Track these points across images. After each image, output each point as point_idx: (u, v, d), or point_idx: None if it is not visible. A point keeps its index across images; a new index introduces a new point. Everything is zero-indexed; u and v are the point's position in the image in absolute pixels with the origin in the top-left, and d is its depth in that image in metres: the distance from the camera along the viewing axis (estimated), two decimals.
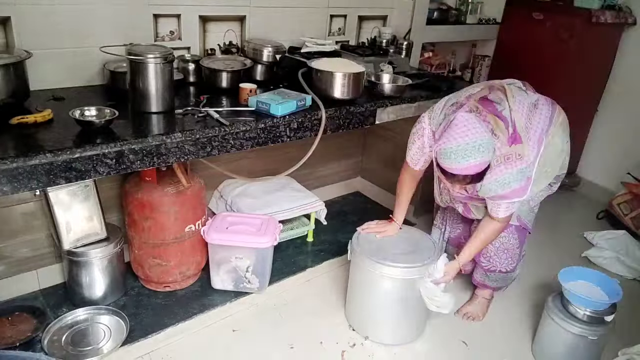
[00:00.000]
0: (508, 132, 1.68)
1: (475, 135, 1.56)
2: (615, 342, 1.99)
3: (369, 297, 1.95)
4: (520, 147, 1.69)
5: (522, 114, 1.75)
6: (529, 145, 1.72)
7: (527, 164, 1.69)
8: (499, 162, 1.67)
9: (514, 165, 1.67)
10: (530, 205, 2.00)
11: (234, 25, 2.27)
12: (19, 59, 1.57)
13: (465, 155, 1.55)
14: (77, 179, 1.46)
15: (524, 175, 1.70)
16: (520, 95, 1.81)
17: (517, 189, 1.71)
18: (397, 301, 1.92)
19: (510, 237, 2.02)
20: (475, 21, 3.23)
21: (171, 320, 1.95)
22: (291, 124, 1.88)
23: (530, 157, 1.72)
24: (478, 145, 1.55)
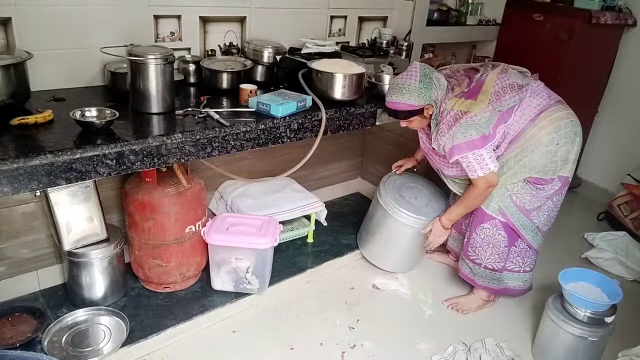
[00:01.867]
0: (467, 88, 1.90)
1: (406, 79, 1.89)
2: (615, 343, 1.99)
3: (381, 232, 2.37)
4: (470, 103, 1.85)
5: (497, 83, 1.88)
6: (485, 106, 1.84)
7: (471, 118, 1.82)
8: (447, 112, 1.88)
9: (457, 119, 1.85)
10: (513, 199, 1.98)
11: (234, 26, 2.27)
12: (19, 59, 1.57)
13: (395, 92, 1.90)
14: (77, 180, 1.46)
15: (471, 127, 1.82)
16: (512, 75, 1.92)
17: (470, 140, 1.83)
18: (402, 240, 2.32)
19: (496, 232, 2.05)
20: (476, 22, 3.23)
21: (171, 321, 1.94)
22: (291, 125, 1.88)
23: (478, 114, 1.82)
24: (404, 87, 1.88)
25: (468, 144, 1.82)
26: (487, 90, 1.85)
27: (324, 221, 2.64)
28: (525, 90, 1.91)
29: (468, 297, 2.27)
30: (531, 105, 1.90)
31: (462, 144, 1.83)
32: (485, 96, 1.84)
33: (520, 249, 2.08)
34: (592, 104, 3.37)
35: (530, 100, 1.91)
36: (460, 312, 2.23)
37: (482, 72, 1.93)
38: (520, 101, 1.89)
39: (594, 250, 2.81)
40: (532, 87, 1.93)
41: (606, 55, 3.23)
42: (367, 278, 2.42)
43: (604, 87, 3.34)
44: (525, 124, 1.89)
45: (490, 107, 1.83)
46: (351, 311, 2.20)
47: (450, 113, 1.86)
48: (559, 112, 1.92)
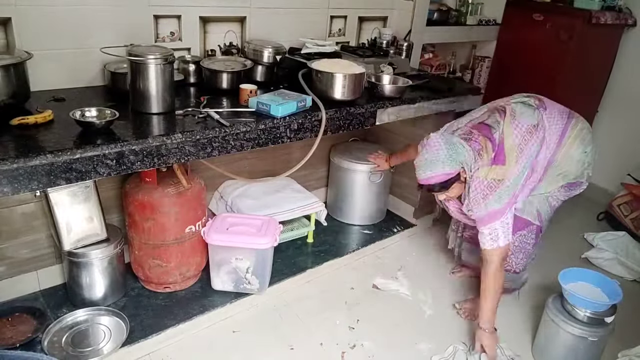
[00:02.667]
0: (493, 153, 1.83)
1: (432, 152, 1.80)
2: (615, 343, 1.99)
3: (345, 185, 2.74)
4: (501, 169, 1.82)
5: (516, 134, 1.86)
6: (515, 165, 1.83)
7: (505, 186, 1.81)
8: (479, 181, 1.82)
9: (493, 189, 1.81)
10: (549, 201, 2.03)
11: (234, 26, 2.27)
12: (19, 59, 1.57)
13: (427, 168, 1.80)
14: (77, 180, 1.46)
15: (502, 198, 1.82)
16: (522, 116, 1.89)
17: (495, 210, 1.82)
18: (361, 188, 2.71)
19: (530, 237, 2.06)
20: (476, 22, 3.23)
21: (171, 321, 1.94)
22: (291, 125, 1.88)
23: (511, 178, 1.82)
24: (436, 159, 1.78)
25: (500, 211, 1.81)
26: (511, 148, 1.83)
27: (324, 221, 2.64)
28: (541, 127, 1.90)
29: (473, 301, 2.23)
30: (552, 135, 1.93)
31: (495, 212, 1.82)
32: (512, 156, 1.83)
33: (539, 241, 2.12)
34: (592, 104, 3.37)
35: (550, 131, 1.92)
36: (469, 318, 2.19)
37: (495, 129, 1.87)
38: (542, 140, 1.89)
39: (594, 250, 2.81)
40: (544, 118, 1.92)
41: (606, 55, 3.24)
42: (367, 278, 2.42)
43: (604, 87, 3.34)
44: (553, 152, 1.94)
45: (520, 163, 1.83)
46: (351, 311, 2.20)
47: (484, 182, 1.81)
48: (577, 127, 1.98)
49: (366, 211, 2.78)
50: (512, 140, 1.84)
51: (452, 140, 1.82)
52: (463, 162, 1.79)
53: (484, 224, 1.84)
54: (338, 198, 2.80)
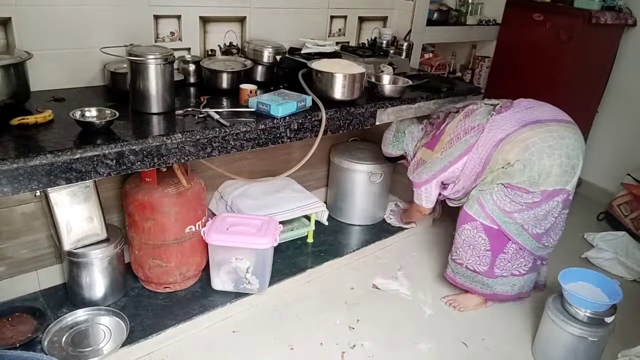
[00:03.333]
0: (430, 139, 2.27)
1: (386, 135, 2.48)
2: (615, 343, 1.99)
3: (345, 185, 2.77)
4: (427, 153, 2.24)
5: (455, 132, 2.13)
6: (438, 154, 2.17)
7: (427, 166, 2.22)
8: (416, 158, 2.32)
9: (418, 166, 2.29)
10: (494, 198, 2.01)
11: (234, 26, 2.27)
12: (19, 59, 1.57)
13: (383, 145, 2.52)
14: (77, 180, 1.46)
15: (422, 174, 2.25)
16: (471, 118, 2.12)
17: (419, 181, 2.28)
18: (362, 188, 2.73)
19: (476, 234, 2.08)
20: (476, 22, 3.23)
21: (171, 321, 1.94)
22: (291, 125, 1.88)
23: (430, 162, 2.20)
24: (386, 141, 2.48)
25: (422, 182, 2.26)
26: (443, 141, 2.17)
27: (325, 221, 2.64)
28: (479, 129, 2.06)
29: (467, 295, 2.27)
30: (488, 140, 2.04)
31: (419, 182, 2.27)
32: (440, 146, 2.17)
33: (510, 253, 2.07)
34: (592, 104, 3.37)
35: (488, 136, 2.04)
36: (458, 310, 2.24)
37: (448, 122, 2.22)
38: (470, 146, 2.08)
39: (593, 250, 2.81)
40: (491, 123, 2.05)
41: (606, 55, 3.24)
42: (367, 278, 2.42)
43: (604, 87, 3.34)
44: (487, 153, 2.04)
45: (443, 154, 2.15)
46: (351, 311, 2.20)
47: (416, 159, 2.31)
48: (522, 135, 1.97)
49: (366, 211, 2.78)
50: (449, 136, 2.15)
51: (403, 129, 2.40)
52: (403, 149, 2.42)
53: (414, 187, 2.32)
54: (338, 198, 2.80)
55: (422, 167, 2.24)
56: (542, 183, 1.94)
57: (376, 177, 2.67)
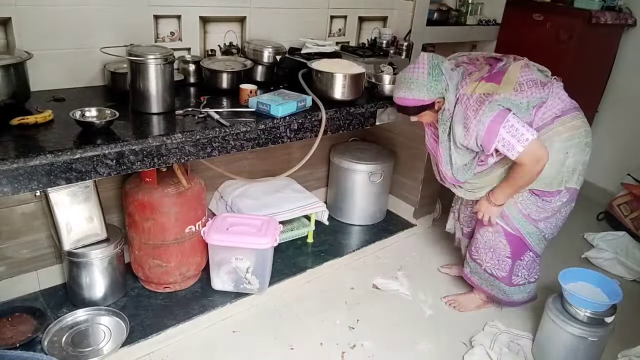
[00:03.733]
0: (487, 73, 1.77)
1: (414, 72, 1.80)
2: (615, 343, 1.99)
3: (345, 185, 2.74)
4: (492, 86, 1.71)
5: (522, 75, 1.75)
6: (510, 91, 1.71)
7: (496, 100, 1.69)
8: (467, 97, 1.74)
9: (483, 102, 1.70)
10: (519, 207, 1.95)
11: (234, 26, 2.27)
12: (19, 59, 1.57)
13: (404, 87, 1.82)
14: (77, 180, 1.46)
15: (496, 106, 1.69)
16: (533, 71, 1.81)
17: (497, 114, 1.69)
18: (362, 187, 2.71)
19: (497, 238, 2.02)
20: (476, 22, 3.23)
21: (171, 321, 1.94)
22: (291, 125, 1.88)
23: (505, 98, 1.70)
24: (415, 82, 1.78)
25: (496, 118, 1.67)
26: (511, 77, 1.73)
27: (326, 221, 2.64)
28: (548, 88, 1.79)
29: (468, 295, 2.27)
30: (552, 107, 1.81)
31: (492, 123, 1.67)
32: (509, 83, 1.71)
33: (526, 261, 2.05)
34: (592, 104, 3.36)
35: (552, 101, 1.82)
36: (458, 310, 2.23)
37: (505, 62, 1.82)
38: (541, 100, 1.77)
39: (593, 250, 2.81)
40: (554, 87, 1.84)
41: (606, 55, 3.23)
42: (367, 278, 2.42)
43: (604, 87, 3.34)
44: (542, 124, 1.81)
45: (515, 96, 1.71)
46: (351, 311, 2.20)
47: (472, 97, 1.72)
48: (575, 121, 1.85)
49: (366, 211, 2.78)
50: (515, 75, 1.74)
51: (439, 65, 1.79)
52: (441, 92, 1.78)
53: (490, 143, 1.71)
54: (338, 198, 2.80)
55: (489, 101, 1.68)
56: (568, 181, 1.89)
57: (376, 177, 2.67)
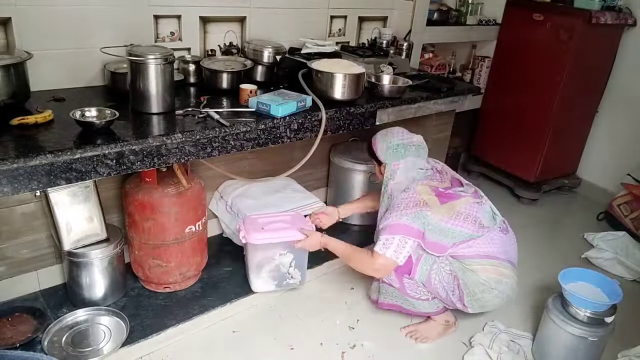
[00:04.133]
0: (443, 190, 1.89)
1: (396, 134, 1.99)
2: (615, 343, 1.99)
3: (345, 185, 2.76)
4: (435, 201, 1.84)
5: (466, 208, 1.86)
6: (444, 216, 1.82)
7: (427, 214, 1.81)
8: (413, 191, 1.88)
9: (416, 206, 1.83)
10: (430, 277, 1.89)
11: (234, 26, 2.27)
12: (19, 59, 1.57)
13: (381, 133, 2.03)
14: (77, 180, 1.46)
15: (419, 219, 1.81)
16: (482, 210, 1.90)
17: (409, 227, 1.81)
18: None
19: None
20: (476, 22, 3.23)
21: (171, 321, 1.94)
22: (291, 125, 1.88)
23: (435, 219, 1.81)
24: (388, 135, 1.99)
25: (408, 227, 1.81)
26: (454, 207, 1.85)
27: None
28: (484, 230, 1.85)
29: (427, 323, 2.10)
30: (479, 246, 1.85)
31: (402, 225, 1.82)
32: (450, 210, 1.84)
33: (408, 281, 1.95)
34: (591, 104, 3.37)
35: (482, 242, 1.85)
36: (420, 341, 2.06)
37: (463, 189, 1.94)
38: (469, 237, 1.84)
39: (593, 250, 2.80)
40: (493, 233, 1.88)
41: (606, 55, 3.24)
42: (367, 278, 2.42)
43: (604, 87, 3.34)
44: (462, 254, 1.85)
45: (445, 222, 1.82)
46: (351, 311, 2.20)
47: (415, 195, 1.86)
48: (503, 269, 1.85)
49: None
50: (459, 206, 1.85)
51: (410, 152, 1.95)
52: (389, 164, 1.97)
53: (385, 229, 1.85)
54: (338, 198, 2.80)
55: (420, 211, 1.81)
56: (477, 309, 1.91)
57: (376, 177, 2.67)
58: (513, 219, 2.32)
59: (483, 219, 1.87)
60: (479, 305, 1.89)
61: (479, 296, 1.85)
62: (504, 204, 3.29)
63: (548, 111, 3.12)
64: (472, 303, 1.88)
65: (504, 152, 3.46)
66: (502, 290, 1.86)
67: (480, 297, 1.86)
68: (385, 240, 1.83)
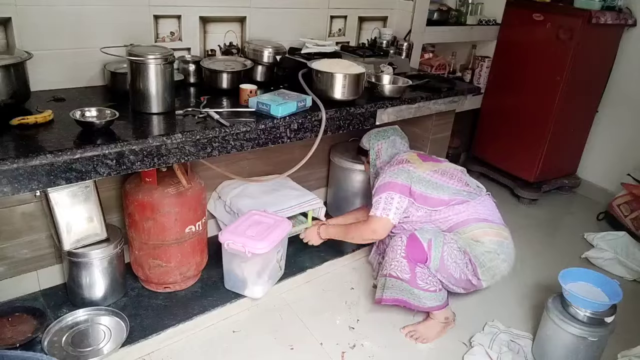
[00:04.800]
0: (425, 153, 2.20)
1: (377, 130, 2.25)
2: (615, 343, 1.99)
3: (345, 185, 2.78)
4: (418, 161, 2.04)
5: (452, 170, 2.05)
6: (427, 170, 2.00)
7: (409, 168, 2.00)
8: (399, 158, 2.09)
9: (400, 163, 2.04)
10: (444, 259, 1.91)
11: (234, 26, 2.27)
12: (19, 59, 1.57)
13: (368, 134, 2.29)
14: (77, 180, 1.46)
15: (403, 173, 1.99)
16: (465, 176, 2.08)
17: (393, 182, 1.98)
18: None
19: (398, 239, 1.95)
20: (476, 22, 3.23)
21: (171, 321, 1.94)
22: (291, 125, 1.88)
23: (417, 172, 1.98)
24: (371, 132, 2.27)
25: (392, 184, 1.98)
26: (438, 166, 2.03)
27: (323, 218, 2.64)
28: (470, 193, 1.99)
29: (426, 323, 2.09)
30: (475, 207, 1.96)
31: (386, 184, 1.99)
32: (434, 167, 2.01)
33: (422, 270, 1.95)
34: (592, 103, 3.37)
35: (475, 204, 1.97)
36: (420, 341, 2.05)
37: (443, 161, 2.12)
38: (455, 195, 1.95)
39: (593, 250, 2.80)
40: (481, 198, 2.01)
41: (606, 55, 3.23)
42: (367, 278, 2.42)
43: (604, 87, 3.34)
44: (460, 222, 1.95)
45: (431, 175, 1.98)
46: (351, 311, 2.20)
47: (399, 158, 2.08)
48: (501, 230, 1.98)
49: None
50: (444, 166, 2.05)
51: (389, 132, 2.24)
52: (374, 148, 2.21)
53: (375, 195, 2.02)
54: (338, 198, 2.80)
55: (402, 166, 2.00)
56: (489, 280, 1.97)
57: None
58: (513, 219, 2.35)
59: (468, 180, 2.04)
60: (490, 275, 1.96)
61: (489, 265, 1.93)
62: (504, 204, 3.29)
63: (548, 111, 3.12)
64: (484, 274, 1.95)
65: (504, 152, 3.46)
66: (507, 253, 1.96)
67: (490, 265, 1.93)
68: (374, 203, 2.00)
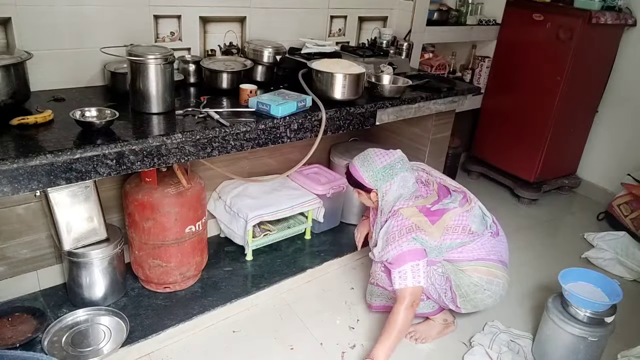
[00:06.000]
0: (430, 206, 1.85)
1: (377, 156, 1.91)
2: (615, 343, 1.99)
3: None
4: (427, 224, 1.82)
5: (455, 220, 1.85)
6: (437, 236, 1.82)
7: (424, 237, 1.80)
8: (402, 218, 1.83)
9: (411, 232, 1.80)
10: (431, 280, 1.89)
11: (234, 26, 2.27)
12: (19, 59, 1.57)
13: (359, 160, 1.94)
14: (77, 180, 1.46)
15: (418, 242, 1.80)
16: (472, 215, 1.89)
17: (414, 249, 1.80)
18: None
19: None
20: (476, 22, 3.23)
21: (171, 321, 1.95)
22: (291, 125, 1.88)
23: (431, 241, 1.81)
24: (369, 161, 1.91)
25: (412, 252, 1.80)
26: (445, 223, 1.84)
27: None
28: (475, 237, 1.87)
29: (426, 323, 2.11)
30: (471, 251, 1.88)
31: (406, 253, 1.81)
32: (440, 229, 1.83)
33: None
34: (592, 103, 3.37)
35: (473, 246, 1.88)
36: (420, 342, 2.06)
37: (451, 200, 1.91)
38: (460, 245, 1.86)
39: (593, 250, 2.81)
40: (484, 238, 1.90)
41: (606, 55, 3.24)
42: (367, 278, 2.42)
43: (604, 87, 3.34)
44: (452, 258, 1.88)
45: (440, 241, 1.83)
46: (351, 311, 2.20)
47: (406, 221, 1.83)
48: (495, 270, 1.88)
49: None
50: (448, 222, 1.84)
51: (398, 170, 1.89)
52: (381, 189, 1.89)
53: (394, 267, 1.83)
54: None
55: (417, 236, 1.80)
56: (470, 310, 1.95)
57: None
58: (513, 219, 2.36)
59: (472, 224, 1.88)
60: (472, 305, 1.91)
61: (472, 297, 1.88)
62: (504, 204, 3.30)
63: (548, 111, 3.12)
64: (464, 304, 1.90)
65: (504, 152, 3.46)
66: (495, 290, 1.88)
67: (473, 297, 1.88)
68: (399, 275, 1.82)
